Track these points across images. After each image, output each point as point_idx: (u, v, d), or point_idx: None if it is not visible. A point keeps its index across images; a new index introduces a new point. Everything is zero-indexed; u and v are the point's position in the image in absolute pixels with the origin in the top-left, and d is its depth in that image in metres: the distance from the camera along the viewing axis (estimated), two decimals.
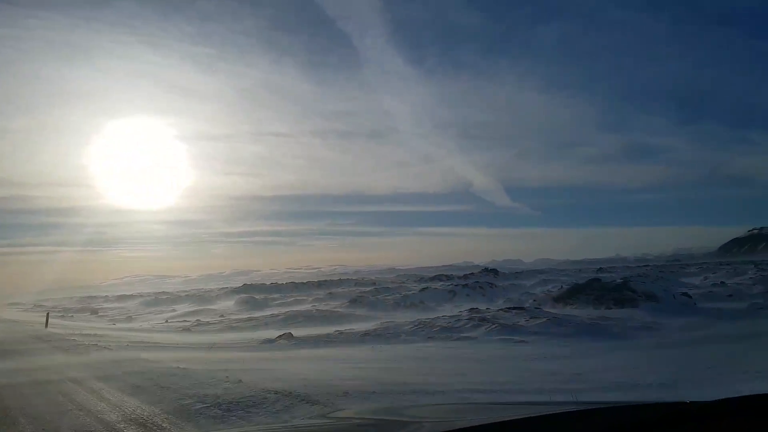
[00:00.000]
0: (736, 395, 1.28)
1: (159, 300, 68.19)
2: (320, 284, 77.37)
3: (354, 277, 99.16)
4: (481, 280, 59.76)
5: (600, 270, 75.24)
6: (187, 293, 77.69)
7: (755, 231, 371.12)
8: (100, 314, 52.39)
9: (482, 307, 31.55)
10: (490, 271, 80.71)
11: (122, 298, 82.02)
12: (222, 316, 42.88)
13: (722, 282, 45.31)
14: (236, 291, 72.01)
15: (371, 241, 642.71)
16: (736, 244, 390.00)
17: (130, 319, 45.28)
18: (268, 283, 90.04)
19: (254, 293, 65.03)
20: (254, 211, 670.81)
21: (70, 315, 50.77)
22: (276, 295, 62.93)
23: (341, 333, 23.28)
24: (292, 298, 57.21)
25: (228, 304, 56.31)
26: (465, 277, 69.10)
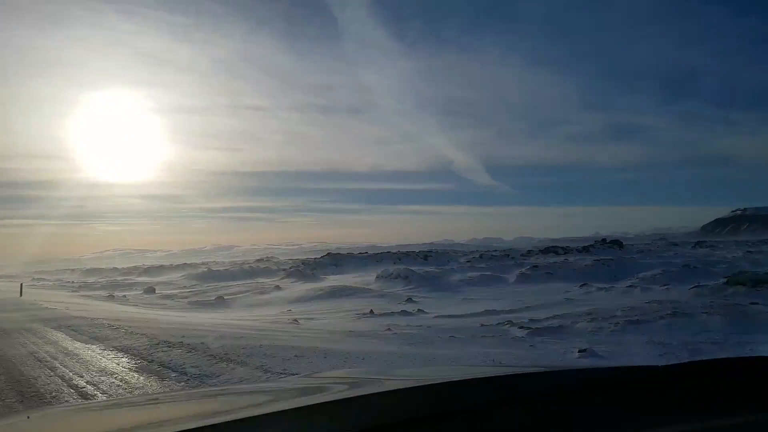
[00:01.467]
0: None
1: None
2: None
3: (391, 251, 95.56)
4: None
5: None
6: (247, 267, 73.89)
7: (738, 212, 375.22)
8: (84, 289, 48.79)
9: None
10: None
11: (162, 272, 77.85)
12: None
13: None
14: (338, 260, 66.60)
15: (350, 218, 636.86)
16: (719, 224, 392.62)
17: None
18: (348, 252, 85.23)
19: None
20: (233, 186, 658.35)
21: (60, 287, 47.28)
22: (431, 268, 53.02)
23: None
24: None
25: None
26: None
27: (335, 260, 66.83)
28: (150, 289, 44.39)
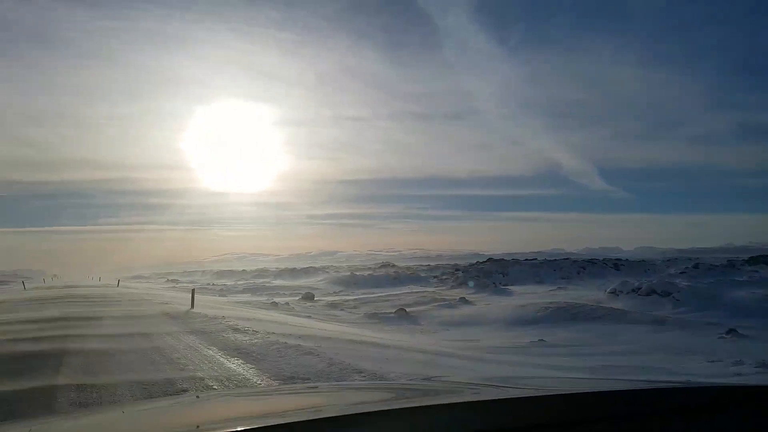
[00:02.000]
0: None
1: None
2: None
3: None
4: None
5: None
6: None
7: None
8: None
9: None
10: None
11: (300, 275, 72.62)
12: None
13: None
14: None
15: (450, 225, 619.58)
16: None
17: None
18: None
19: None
20: (335, 194, 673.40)
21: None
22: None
23: None
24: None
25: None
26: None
27: (500, 267, 55.31)
28: (309, 296, 36.51)
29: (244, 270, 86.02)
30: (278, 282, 59.42)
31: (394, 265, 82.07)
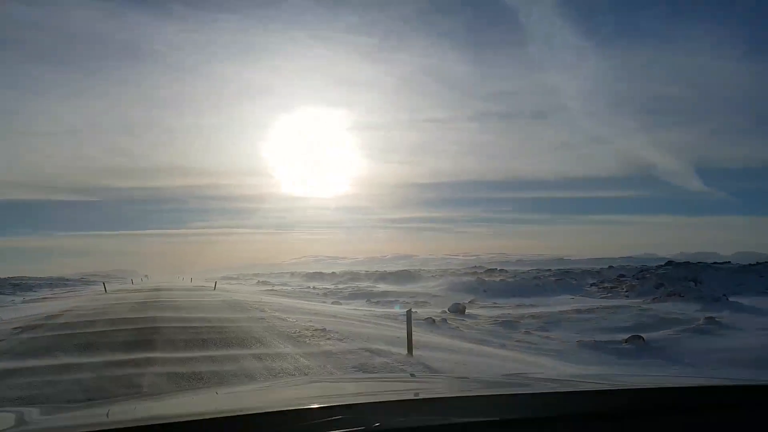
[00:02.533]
0: None
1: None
2: None
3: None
4: None
5: None
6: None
7: None
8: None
9: None
10: None
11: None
12: None
13: None
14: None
15: (531, 229, 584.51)
16: None
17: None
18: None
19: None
20: (410, 197, 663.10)
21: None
22: None
23: None
24: None
25: None
26: None
27: (689, 273, 41.18)
28: (458, 308, 25.49)
29: (333, 272, 77.01)
30: (383, 287, 48.60)
31: (502, 270, 68.90)
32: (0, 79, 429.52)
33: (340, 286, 43.61)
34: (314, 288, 39.53)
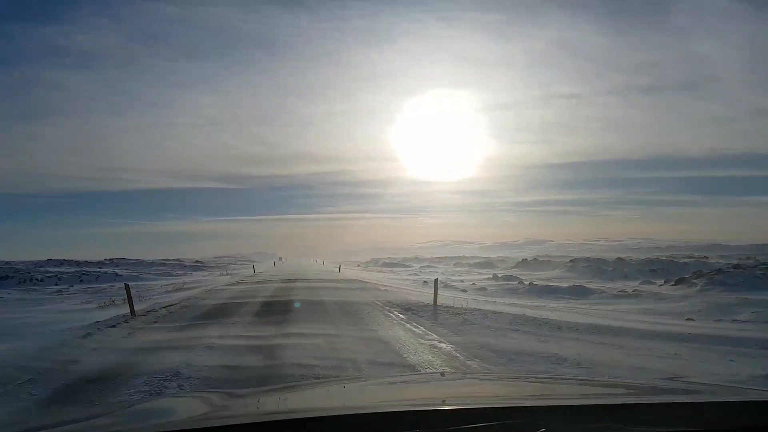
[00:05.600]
0: None
1: None
2: None
3: None
4: None
5: None
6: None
7: None
8: None
9: None
10: None
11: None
12: None
13: None
14: None
15: (682, 211, 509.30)
16: None
17: None
18: None
19: None
20: (544, 179, 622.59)
21: None
22: None
23: None
24: None
25: None
26: None
27: None
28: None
29: (474, 256, 69.73)
30: (545, 275, 39.79)
31: (697, 258, 54.90)
32: (150, 74, 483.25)
33: (513, 280, 35.64)
34: (497, 280, 32.12)
